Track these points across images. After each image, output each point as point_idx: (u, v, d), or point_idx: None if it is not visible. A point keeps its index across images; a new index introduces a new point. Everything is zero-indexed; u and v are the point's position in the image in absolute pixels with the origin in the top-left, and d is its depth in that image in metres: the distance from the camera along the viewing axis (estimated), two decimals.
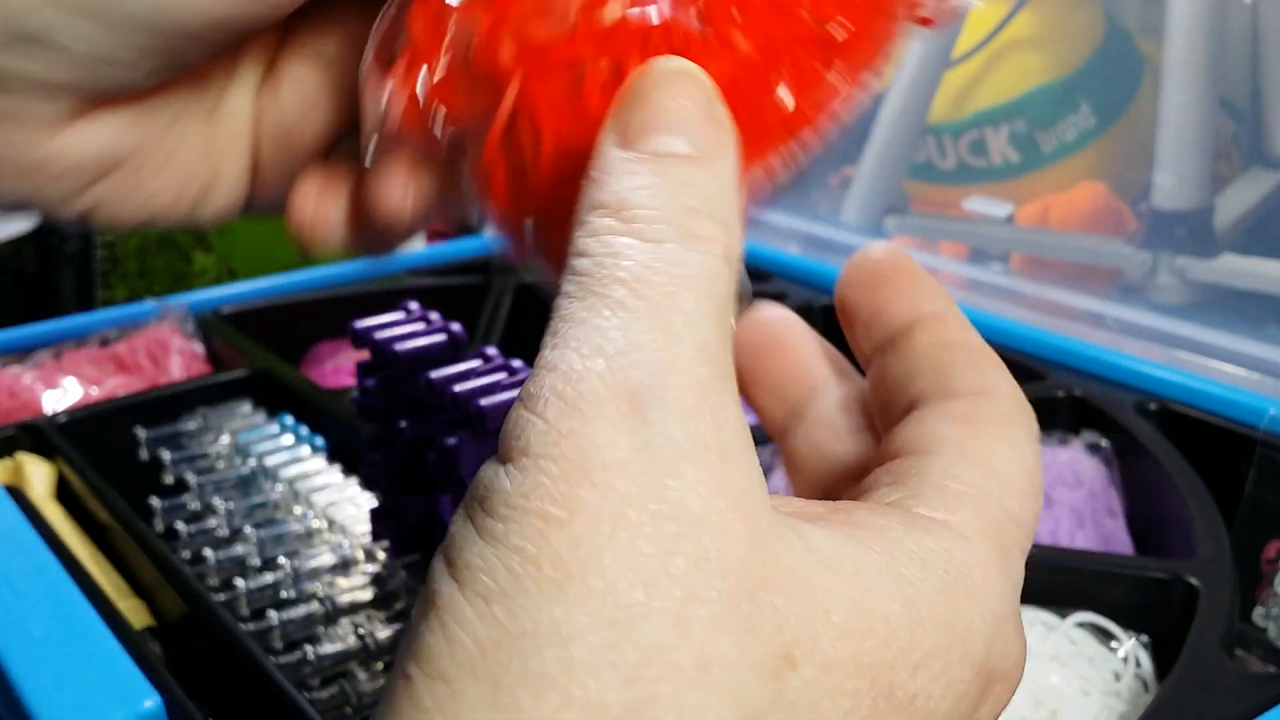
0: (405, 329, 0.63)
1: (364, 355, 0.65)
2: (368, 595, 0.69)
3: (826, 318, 0.95)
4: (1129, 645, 0.65)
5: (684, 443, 0.24)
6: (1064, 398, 0.85)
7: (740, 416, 0.25)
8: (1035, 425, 0.31)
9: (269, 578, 0.70)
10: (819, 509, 0.28)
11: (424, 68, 0.31)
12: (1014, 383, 0.31)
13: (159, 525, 0.79)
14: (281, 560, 0.70)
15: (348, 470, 0.81)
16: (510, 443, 0.24)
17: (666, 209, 0.25)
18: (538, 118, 0.29)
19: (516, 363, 0.59)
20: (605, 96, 0.29)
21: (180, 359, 0.99)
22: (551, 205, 0.30)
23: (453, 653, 0.23)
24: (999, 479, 0.29)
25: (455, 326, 0.63)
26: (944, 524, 0.27)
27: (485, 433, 0.55)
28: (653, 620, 0.22)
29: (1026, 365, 0.89)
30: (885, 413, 0.33)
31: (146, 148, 0.35)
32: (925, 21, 0.32)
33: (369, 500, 0.75)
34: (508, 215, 0.31)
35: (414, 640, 0.23)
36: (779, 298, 1.05)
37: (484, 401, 0.54)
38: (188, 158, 0.36)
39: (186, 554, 0.75)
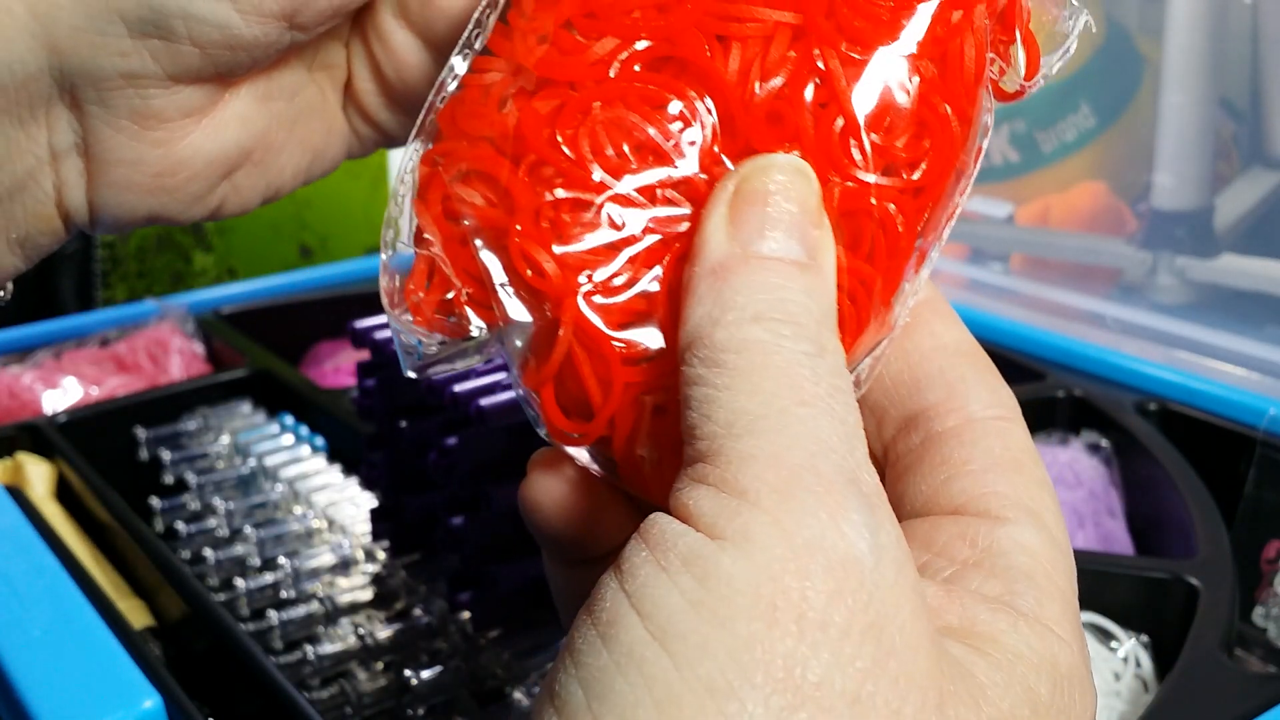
0: None
1: (364, 355, 0.65)
2: (367, 595, 0.69)
3: None
4: (1129, 645, 0.64)
5: (896, 553, 0.25)
6: (1064, 398, 0.85)
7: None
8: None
9: (269, 577, 0.70)
10: (948, 616, 0.28)
11: (444, 268, 0.31)
12: (1006, 385, 0.32)
13: (159, 525, 0.79)
14: (281, 560, 0.70)
15: (347, 470, 0.81)
16: (716, 521, 0.24)
17: (802, 324, 0.27)
18: (600, 356, 0.29)
19: None
20: (670, 307, 0.29)
21: (180, 359, 0.99)
22: (612, 433, 0.30)
23: (655, 714, 0.23)
24: (1059, 545, 0.30)
25: None
26: (1047, 629, 0.28)
27: (485, 432, 0.55)
28: None
29: (1026, 365, 0.89)
30: (876, 409, 0.34)
31: (274, 128, 0.36)
32: (1012, 96, 0.32)
33: (369, 500, 0.75)
34: (561, 435, 0.31)
35: (613, 698, 0.23)
36: None
37: (484, 401, 0.54)
38: (309, 126, 0.37)
39: (186, 554, 0.75)
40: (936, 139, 0.30)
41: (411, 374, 0.33)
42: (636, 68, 0.30)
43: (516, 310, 0.30)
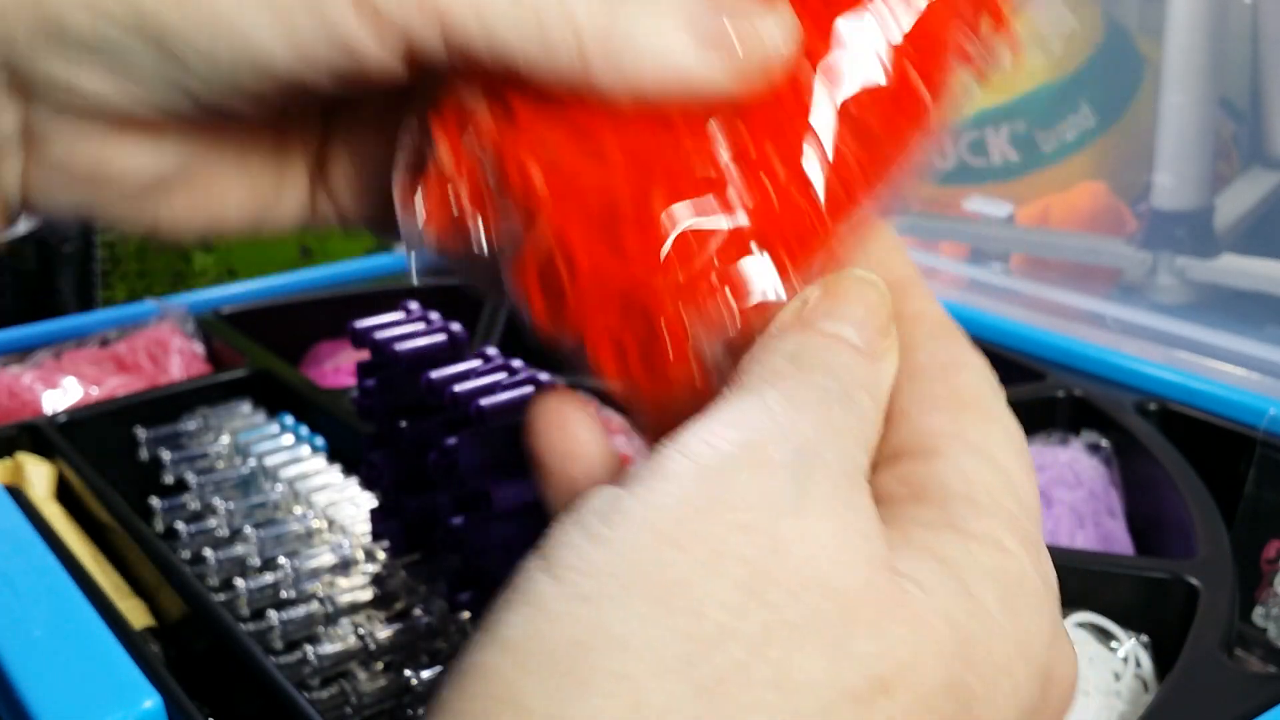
0: (405, 329, 0.63)
1: (364, 355, 0.65)
2: (368, 595, 0.69)
3: None
4: (1129, 645, 0.65)
5: (823, 498, 0.25)
6: (1064, 398, 0.85)
7: (867, 492, 0.27)
8: (1000, 387, 0.32)
9: (269, 578, 0.70)
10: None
11: (452, 186, 0.32)
12: (974, 347, 0.32)
13: (159, 525, 0.79)
14: (281, 560, 0.70)
15: (348, 470, 0.81)
16: (643, 471, 0.25)
17: (837, 374, 0.28)
18: (571, 249, 0.31)
19: (516, 363, 0.59)
20: (640, 230, 0.30)
21: (180, 359, 0.99)
22: (588, 328, 0.32)
23: (540, 645, 0.23)
24: (1006, 473, 0.29)
25: (455, 326, 0.63)
26: (989, 539, 0.28)
27: (485, 432, 0.55)
28: (735, 641, 0.23)
29: (1026, 365, 0.89)
30: None
31: (210, 170, 0.35)
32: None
33: (369, 500, 0.75)
34: (548, 330, 0.32)
35: (500, 627, 0.24)
36: None
37: (484, 401, 0.55)
38: (260, 172, 0.37)
39: (186, 554, 0.75)
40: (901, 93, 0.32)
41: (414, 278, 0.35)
42: None
43: (509, 220, 0.31)
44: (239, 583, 0.69)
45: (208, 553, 0.73)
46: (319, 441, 0.85)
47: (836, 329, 0.29)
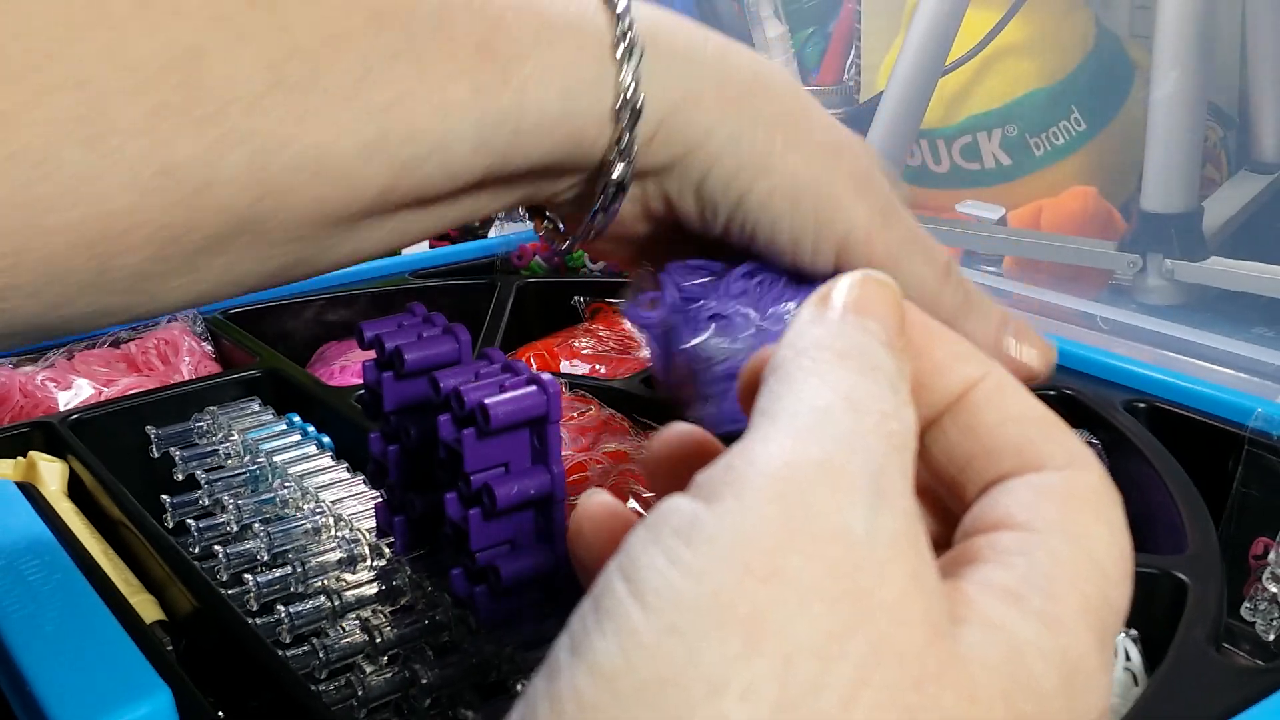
0: (411, 330, 0.64)
1: (371, 355, 0.65)
2: (374, 590, 0.69)
3: None
4: (1118, 639, 0.65)
5: (895, 532, 0.25)
6: (1055, 396, 0.86)
7: (922, 525, 0.27)
8: (1120, 499, 0.32)
9: (277, 573, 0.70)
10: (954, 597, 0.28)
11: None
12: (1092, 452, 0.32)
13: (169, 521, 0.79)
14: (290, 556, 0.71)
15: (354, 468, 0.82)
16: (719, 486, 0.25)
17: (875, 361, 0.29)
18: None
19: (519, 363, 0.60)
20: None
21: (190, 359, 1.00)
22: None
23: (631, 674, 0.23)
24: (1099, 566, 0.29)
25: (459, 328, 0.64)
26: (1055, 619, 0.27)
27: (489, 431, 0.56)
28: (825, 692, 0.23)
29: None
30: (955, 487, 0.33)
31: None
32: None
33: (375, 497, 0.76)
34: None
35: (592, 653, 0.24)
36: None
37: (488, 400, 0.55)
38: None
39: (196, 550, 0.76)
40: None
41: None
42: None
43: None
44: (248, 578, 0.69)
45: (217, 548, 0.73)
46: (326, 440, 0.86)
47: (864, 322, 0.30)
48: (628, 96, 0.41)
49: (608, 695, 0.23)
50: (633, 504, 0.36)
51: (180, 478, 0.84)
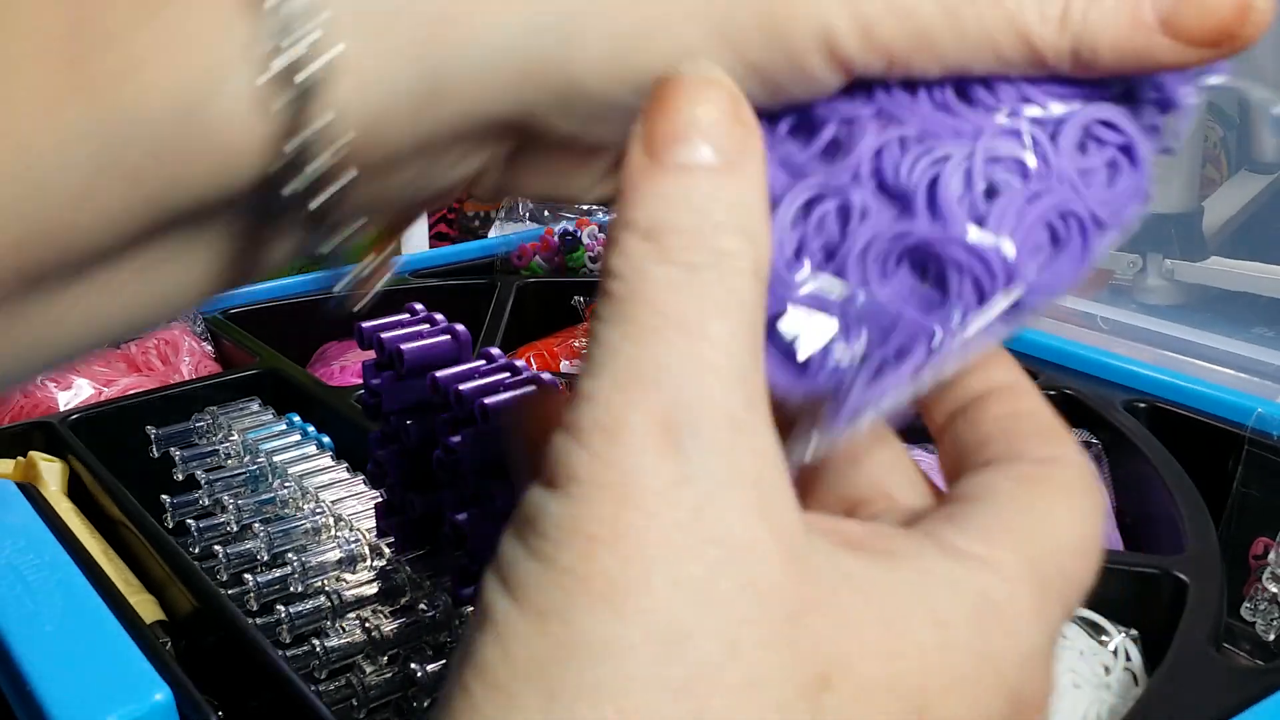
0: (410, 329, 0.64)
1: (370, 355, 0.65)
2: (373, 590, 0.69)
3: None
4: (1119, 639, 0.65)
5: (720, 472, 0.24)
6: (1055, 396, 0.86)
7: (773, 439, 0.25)
8: (1101, 499, 0.31)
9: (277, 573, 0.70)
10: (855, 531, 0.28)
11: None
12: (1084, 456, 0.31)
13: (169, 521, 0.79)
14: (289, 556, 0.71)
15: (354, 468, 0.82)
16: (556, 470, 0.25)
17: (695, 229, 0.25)
18: None
19: (519, 363, 0.60)
20: None
21: (190, 359, 1.00)
22: None
23: (510, 665, 0.23)
24: (1052, 535, 0.28)
25: (459, 327, 0.64)
26: (978, 557, 0.27)
27: (488, 431, 0.56)
28: (702, 639, 0.23)
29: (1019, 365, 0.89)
30: (953, 477, 0.32)
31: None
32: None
33: (375, 497, 0.76)
34: None
35: (471, 653, 0.24)
36: None
37: (487, 400, 0.55)
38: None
39: (196, 550, 0.76)
40: None
41: None
42: None
43: None
44: (248, 578, 0.70)
45: (217, 548, 0.73)
46: (326, 440, 0.86)
47: (683, 157, 0.26)
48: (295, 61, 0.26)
49: (490, 689, 0.23)
50: None
51: (180, 478, 0.84)
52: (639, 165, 0.26)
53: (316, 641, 0.64)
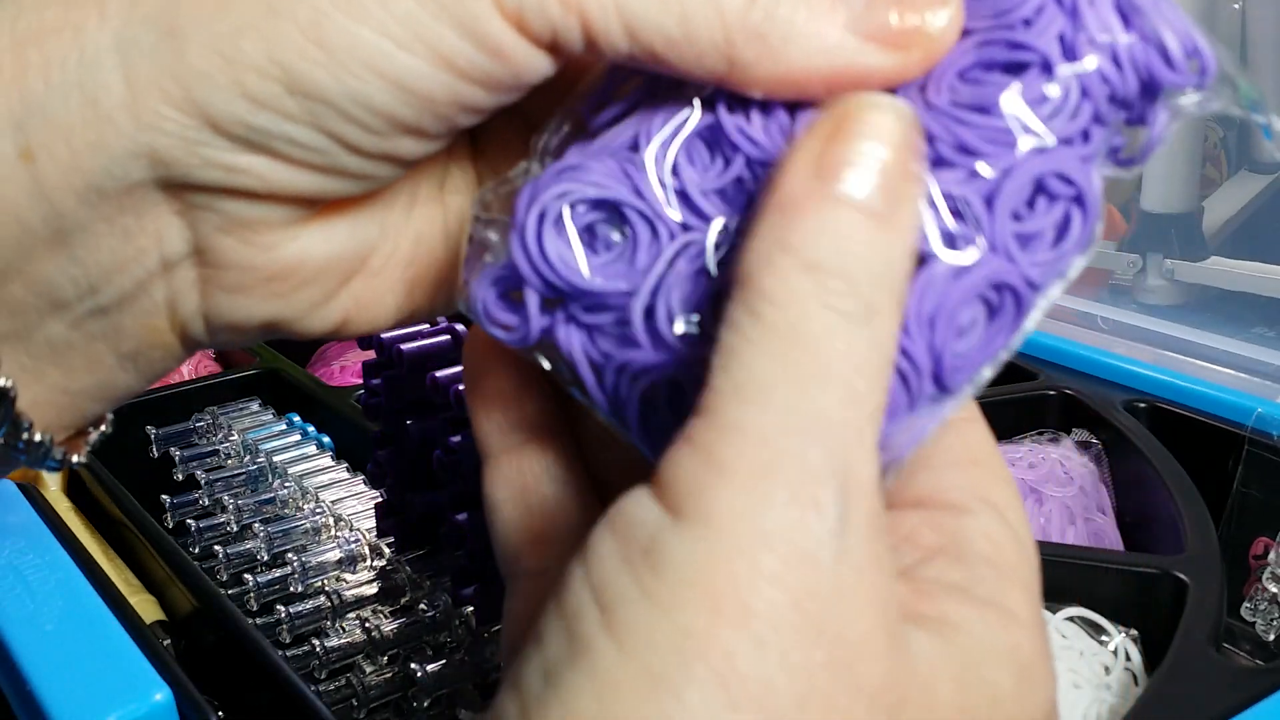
0: (410, 330, 0.64)
1: (370, 355, 0.66)
2: (373, 590, 0.70)
3: None
4: (1119, 639, 0.65)
5: (858, 552, 0.24)
6: (1055, 396, 0.86)
7: (884, 511, 0.26)
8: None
9: (277, 573, 0.70)
10: (908, 599, 0.28)
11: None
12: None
13: (169, 521, 0.80)
14: (289, 556, 0.71)
15: (354, 468, 0.82)
16: (685, 497, 0.24)
17: (855, 276, 0.25)
18: None
19: None
20: None
21: (190, 359, 1.00)
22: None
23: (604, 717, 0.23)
24: (1024, 543, 0.29)
25: (459, 327, 0.64)
26: (1011, 616, 0.28)
27: None
28: None
29: (1019, 365, 0.89)
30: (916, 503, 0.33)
31: (390, 239, 0.33)
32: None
33: (375, 497, 0.76)
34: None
35: (567, 693, 0.23)
36: None
37: None
38: (430, 244, 0.34)
39: (196, 550, 0.76)
40: None
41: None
42: None
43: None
44: (248, 578, 0.70)
45: (217, 548, 0.73)
46: (326, 440, 0.86)
47: (850, 189, 0.25)
48: None
49: None
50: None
51: (180, 478, 0.84)
52: (805, 185, 0.25)
53: (316, 641, 0.64)
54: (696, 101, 0.29)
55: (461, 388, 0.57)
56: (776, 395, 0.24)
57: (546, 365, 0.30)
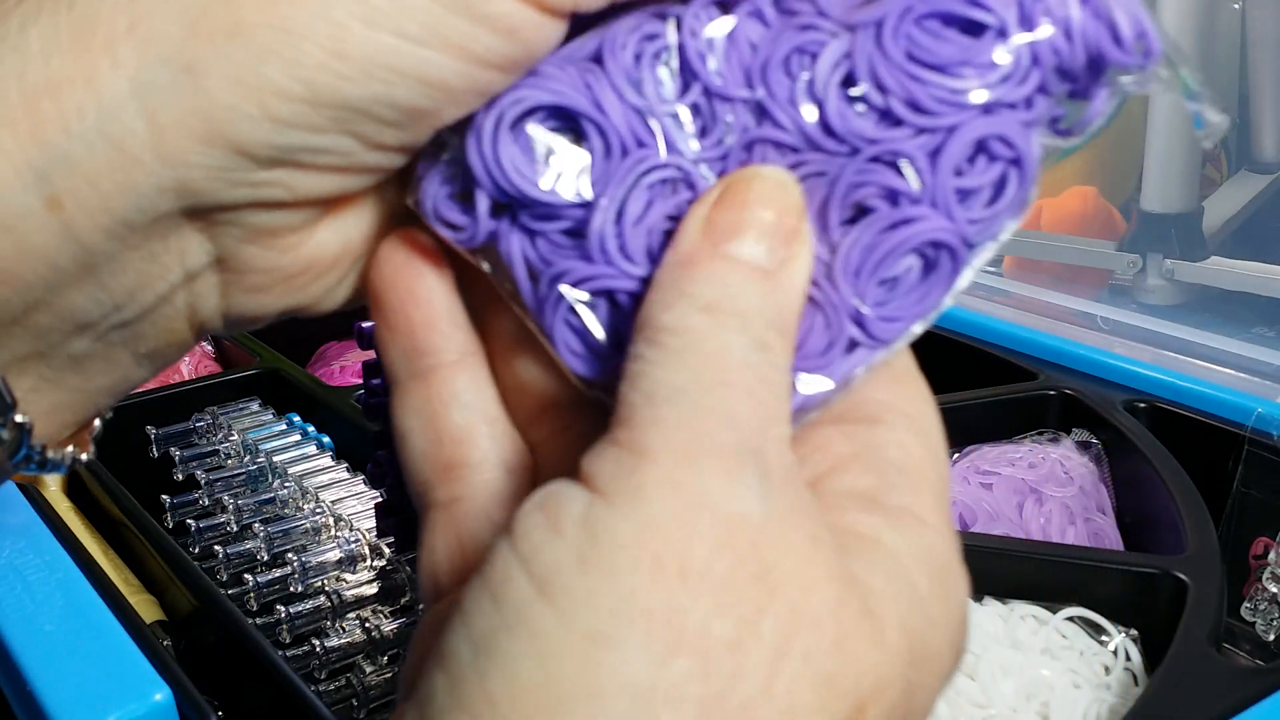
0: None
1: (370, 355, 0.66)
2: (373, 590, 0.70)
3: None
4: (1119, 639, 0.65)
5: (787, 505, 0.25)
6: (1055, 396, 0.86)
7: (803, 483, 0.27)
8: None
9: (277, 573, 0.70)
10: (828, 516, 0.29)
11: None
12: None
13: (169, 521, 0.80)
14: (289, 556, 0.71)
15: (354, 468, 0.82)
16: (611, 482, 0.25)
17: (747, 317, 0.27)
18: None
19: None
20: None
21: (190, 359, 1.00)
22: None
23: (550, 686, 0.23)
24: (936, 452, 0.30)
25: None
26: (922, 521, 0.29)
27: None
28: (745, 680, 0.24)
29: (1019, 365, 0.90)
30: None
31: (395, 210, 0.33)
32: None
33: (374, 497, 0.76)
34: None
35: (498, 653, 0.24)
36: None
37: None
38: None
39: (196, 550, 0.76)
40: None
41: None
42: None
43: None
44: (248, 578, 0.70)
45: (217, 548, 0.73)
46: (326, 439, 0.86)
47: (739, 250, 0.28)
48: None
49: (528, 709, 0.23)
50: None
51: (180, 478, 0.84)
52: (696, 245, 0.28)
53: (316, 641, 0.64)
54: (666, 23, 0.30)
55: None
56: (686, 396, 0.26)
57: (487, 268, 0.31)
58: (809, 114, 0.29)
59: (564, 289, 0.30)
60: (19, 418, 0.31)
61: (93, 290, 0.29)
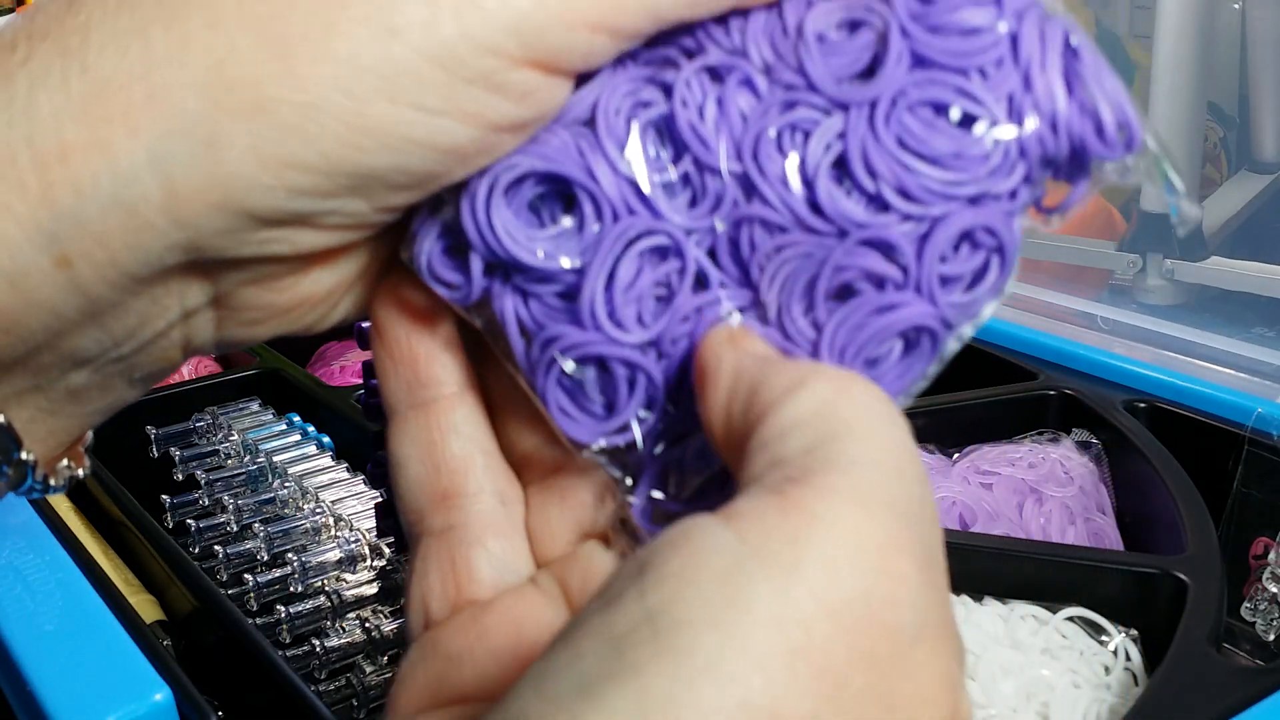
0: None
1: (370, 355, 0.66)
2: (373, 590, 0.70)
3: None
4: (1119, 639, 0.65)
5: (937, 627, 0.24)
6: (1055, 396, 0.86)
7: None
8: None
9: (277, 573, 0.70)
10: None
11: None
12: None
13: (169, 521, 0.80)
14: (289, 556, 0.71)
15: (354, 468, 0.82)
16: (772, 536, 0.23)
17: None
18: None
19: None
20: None
21: (190, 359, 1.00)
22: None
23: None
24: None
25: None
26: (905, 513, 0.27)
27: None
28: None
29: (1019, 365, 0.90)
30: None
31: (389, 242, 0.33)
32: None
33: (375, 497, 0.76)
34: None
35: (602, 700, 0.22)
36: None
37: None
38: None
39: (196, 550, 0.76)
40: None
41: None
42: None
43: None
44: (248, 578, 0.70)
45: (217, 548, 0.73)
46: (326, 440, 0.86)
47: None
48: None
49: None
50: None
51: (180, 478, 0.84)
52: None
53: (316, 641, 0.64)
54: (656, 89, 0.30)
55: None
56: (867, 469, 0.25)
57: (480, 325, 0.31)
58: (798, 194, 0.29)
59: (556, 354, 0.30)
60: (25, 455, 0.31)
61: (94, 333, 0.29)
